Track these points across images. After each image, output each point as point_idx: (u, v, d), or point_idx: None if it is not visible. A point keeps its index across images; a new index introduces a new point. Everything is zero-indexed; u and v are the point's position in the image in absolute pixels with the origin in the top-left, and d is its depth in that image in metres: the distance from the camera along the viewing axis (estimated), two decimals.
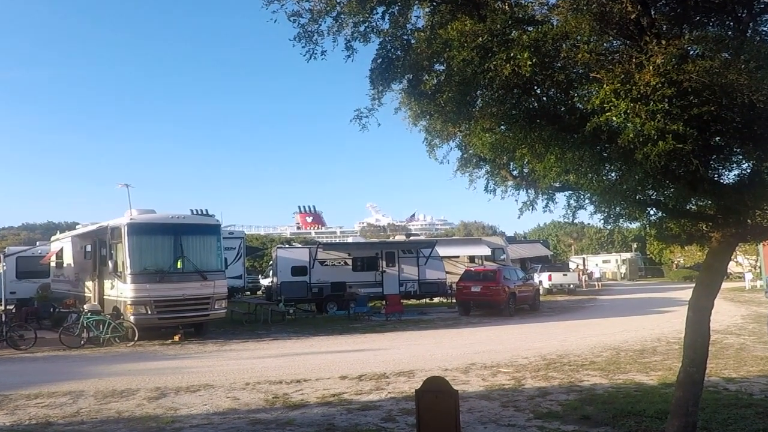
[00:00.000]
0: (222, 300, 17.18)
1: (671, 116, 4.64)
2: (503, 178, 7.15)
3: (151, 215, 17.58)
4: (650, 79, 4.62)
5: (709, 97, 4.80)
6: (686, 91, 4.73)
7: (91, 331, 15.70)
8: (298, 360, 13.13)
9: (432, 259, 25.99)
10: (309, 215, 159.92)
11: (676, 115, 4.67)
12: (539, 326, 19.50)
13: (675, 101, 4.71)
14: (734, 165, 5.84)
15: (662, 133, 4.58)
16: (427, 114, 6.33)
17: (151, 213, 17.82)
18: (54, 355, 14.35)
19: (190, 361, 13.37)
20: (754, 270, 40.02)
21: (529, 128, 5.52)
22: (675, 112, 4.68)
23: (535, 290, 26.11)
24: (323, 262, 24.90)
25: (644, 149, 4.67)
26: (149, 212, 17.84)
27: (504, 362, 12.19)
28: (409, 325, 19.71)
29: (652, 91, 4.62)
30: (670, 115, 4.64)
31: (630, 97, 4.64)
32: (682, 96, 4.75)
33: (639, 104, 4.61)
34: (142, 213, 17.50)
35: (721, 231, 6.26)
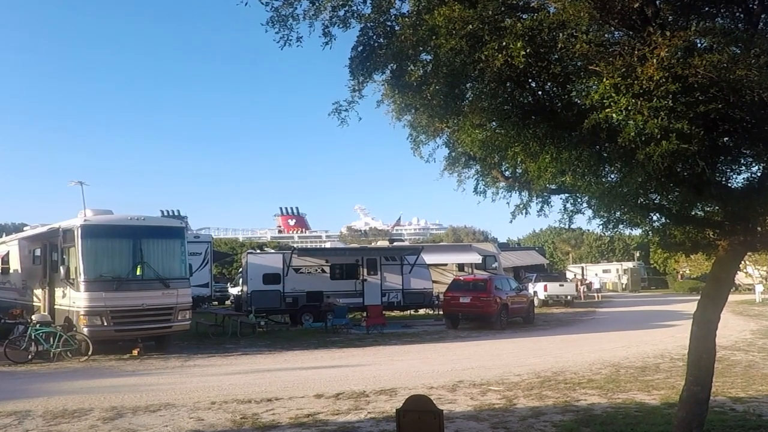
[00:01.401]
0: (186, 310, 17.02)
1: (676, 114, 4.67)
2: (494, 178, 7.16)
3: (108, 216, 17.38)
4: (653, 74, 4.64)
5: (717, 94, 4.84)
6: (692, 87, 4.77)
7: (40, 344, 15.44)
8: (270, 377, 13.02)
9: (417, 266, 25.99)
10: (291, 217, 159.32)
11: (680, 112, 4.70)
12: (533, 341, 19.56)
13: (680, 98, 4.73)
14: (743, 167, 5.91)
15: (666, 132, 4.61)
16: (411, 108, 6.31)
17: (108, 214, 17.62)
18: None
19: (149, 377, 13.18)
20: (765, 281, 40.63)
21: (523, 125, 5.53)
22: (680, 109, 4.71)
23: (530, 302, 26.19)
24: (298, 270, 24.80)
25: (646, 149, 4.69)
26: (106, 213, 17.63)
27: (494, 380, 12.20)
28: (392, 339, 19.67)
29: (656, 87, 4.64)
30: (674, 113, 4.66)
31: (631, 93, 4.66)
32: (687, 92, 4.78)
33: (641, 100, 4.63)
34: (98, 214, 17.30)
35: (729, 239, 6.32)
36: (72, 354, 15.55)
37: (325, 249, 32.49)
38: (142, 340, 16.53)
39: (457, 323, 23.35)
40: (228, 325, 20.97)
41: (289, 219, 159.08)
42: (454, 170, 7.46)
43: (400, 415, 5.79)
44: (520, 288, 26.53)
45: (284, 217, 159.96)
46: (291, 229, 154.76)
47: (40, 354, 15.42)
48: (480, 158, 6.70)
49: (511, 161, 6.26)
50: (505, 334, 21.35)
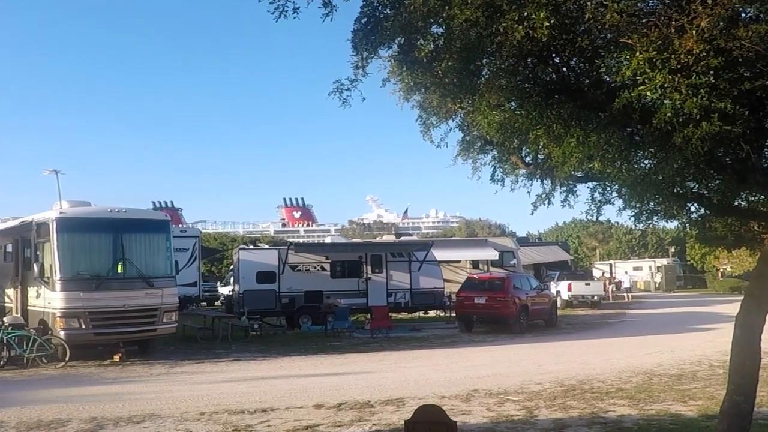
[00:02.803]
0: (172, 312, 17.08)
1: (717, 92, 4.63)
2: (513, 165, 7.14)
3: (86, 209, 17.43)
4: (693, 47, 4.59)
5: (764, 69, 4.79)
6: (736, 62, 4.72)
7: (12, 349, 15.53)
8: (264, 385, 13.05)
9: (427, 264, 25.98)
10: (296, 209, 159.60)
11: (723, 90, 4.66)
12: (556, 346, 19.55)
13: (722, 73, 4.69)
14: None
15: (706, 112, 4.57)
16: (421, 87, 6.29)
17: (86, 206, 17.67)
18: None
19: (133, 385, 13.23)
20: None
21: (546, 105, 5.50)
22: (722, 86, 4.67)
23: (552, 302, 26.18)
24: (295, 267, 24.83)
25: (684, 131, 4.65)
26: (83, 205, 17.68)
27: (513, 388, 12.20)
28: (399, 344, 19.69)
29: (695, 61, 4.60)
30: (716, 90, 4.62)
31: (668, 68, 4.61)
32: (730, 67, 4.74)
33: (679, 77, 4.59)
34: (75, 206, 17.35)
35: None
36: (47, 360, 15.62)
37: (324, 244, 32.53)
38: (124, 344, 16.58)
39: (471, 326, 23.34)
40: (218, 329, 21.04)
41: (293, 211, 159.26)
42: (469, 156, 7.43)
43: (409, 427, 5.79)
44: (542, 287, 26.48)
45: (288, 209, 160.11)
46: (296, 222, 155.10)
47: (13, 360, 15.51)
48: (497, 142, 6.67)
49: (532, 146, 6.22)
50: (525, 338, 21.34)
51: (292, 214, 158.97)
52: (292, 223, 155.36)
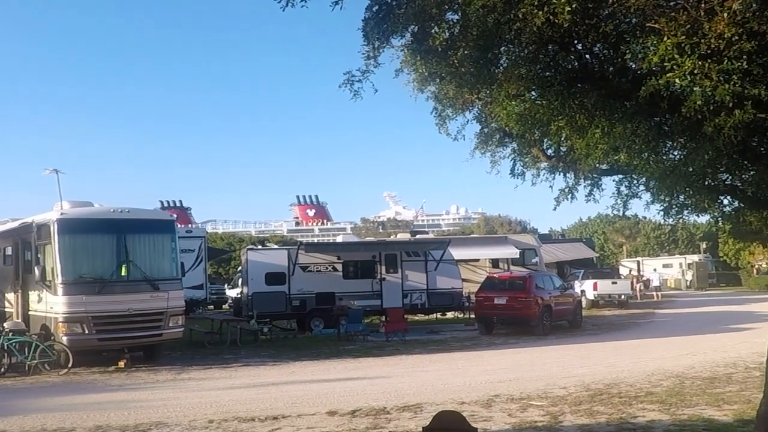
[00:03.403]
0: (178, 316, 17.17)
1: (751, 77, 4.59)
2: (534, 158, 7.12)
3: (88, 209, 17.54)
4: (724, 30, 4.56)
5: None
6: None
7: (13, 355, 15.68)
8: (275, 391, 13.10)
9: (444, 263, 25.95)
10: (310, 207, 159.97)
11: (757, 75, 4.62)
12: (581, 348, 19.49)
13: (756, 58, 4.65)
14: None
15: (739, 100, 4.54)
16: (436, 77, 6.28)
17: (88, 206, 17.77)
18: None
19: (138, 392, 13.33)
20: None
21: (568, 94, 5.47)
22: (756, 72, 4.63)
23: (576, 302, 26.07)
24: (306, 268, 24.87)
25: (716, 120, 4.62)
26: (85, 205, 17.78)
27: (536, 393, 12.18)
28: (416, 347, 19.70)
29: (727, 46, 4.56)
30: (749, 76, 4.59)
31: (698, 53, 4.58)
32: (765, 51, 4.69)
33: (709, 62, 4.56)
34: (76, 206, 17.45)
35: None
36: (50, 366, 15.76)
37: (336, 244, 32.58)
38: (129, 350, 16.68)
39: (491, 328, 23.30)
40: (226, 333, 21.14)
41: (307, 209, 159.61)
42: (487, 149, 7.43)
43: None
44: (565, 286, 26.37)
45: (302, 206, 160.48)
46: (310, 220, 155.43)
47: (14, 367, 15.66)
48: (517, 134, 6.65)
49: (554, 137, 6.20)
50: (548, 340, 21.28)
51: (305, 213, 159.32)
52: (305, 221, 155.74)
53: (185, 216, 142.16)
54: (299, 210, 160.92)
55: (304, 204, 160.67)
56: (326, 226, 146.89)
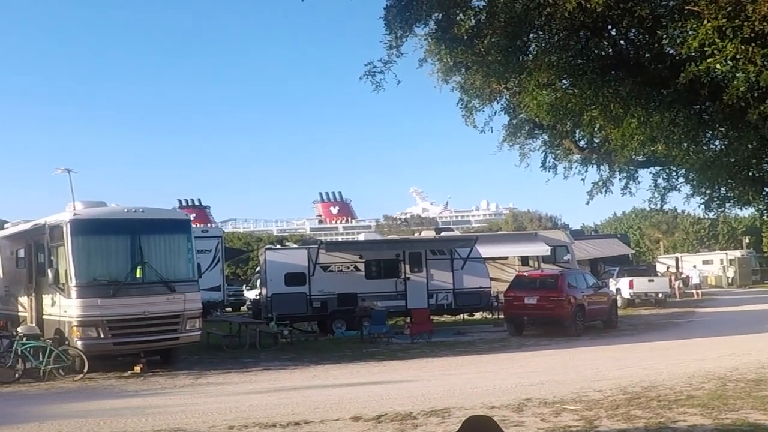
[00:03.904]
0: (195, 318, 17.27)
1: None
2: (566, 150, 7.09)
3: (101, 209, 17.67)
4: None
5: None
6: None
7: (27, 360, 15.84)
8: (297, 396, 13.16)
9: (471, 261, 25.89)
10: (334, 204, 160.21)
11: None
12: (617, 349, 19.38)
13: None
14: None
15: None
16: (462, 66, 6.27)
17: (101, 206, 17.92)
18: None
19: (155, 398, 13.45)
20: None
21: (601, 82, 5.44)
22: None
23: (611, 301, 25.94)
24: (327, 268, 24.93)
25: (760, 107, 4.57)
26: (98, 205, 17.91)
27: (570, 397, 12.12)
28: (442, 349, 19.70)
29: None
30: None
31: (740, 37, 4.52)
32: None
33: (753, 46, 4.50)
34: (90, 206, 17.59)
35: None
36: (65, 372, 15.93)
37: (358, 242, 32.60)
38: (146, 354, 16.83)
39: (521, 329, 23.24)
40: (245, 336, 21.27)
41: (330, 206, 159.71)
42: (516, 141, 7.43)
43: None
44: (599, 285, 26.21)
45: (325, 204, 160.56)
46: (334, 218, 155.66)
47: (29, 372, 15.83)
48: (548, 126, 6.63)
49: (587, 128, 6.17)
50: (582, 341, 21.18)
51: (329, 210, 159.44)
52: (329, 219, 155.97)
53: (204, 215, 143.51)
54: (322, 207, 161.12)
55: (327, 201, 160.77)
56: (351, 224, 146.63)
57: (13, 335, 16.82)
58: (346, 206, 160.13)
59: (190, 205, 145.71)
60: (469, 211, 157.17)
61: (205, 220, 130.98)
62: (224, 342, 20.91)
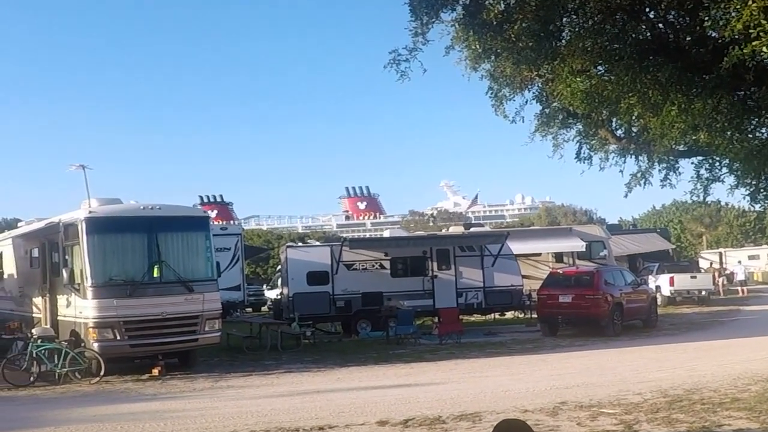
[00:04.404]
0: (215, 319, 17.38)
1: None
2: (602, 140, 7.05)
3: (117, 207, 17.85)
4: None
5: None
6: None
7: (42, 363, 16.04)
8: (320, 399, 13.22)
9: (502, 258, 25.80)
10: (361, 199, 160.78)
11: None
12: (657, 350, 19.24)
13: None
14: None
15: None
16: (491, 53, 6.25)
17: (117, 203, 18.10)
18: None
19: (174, 402, 13.57)
20: None
21: (639, 68, 5.39)
22: None
23: (651, 299, 25.76)
24: (351, 266, 24.99)
25: None
26: (114, 202, 18.09)
27: (608, 400, 12.06)
28: (472, 350, 19.68)
29: None
30: None
31: None
32: None
33: None
34: (105, 204, 17.73)
35: None
36: (81, 375, 16.12)
37: (383, 239, 32.62)
38: (164, 356, 16.94)
39: (555, 329, 23.15)
40: (266, 337, 21.39)
41: (358, 201, 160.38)
42: (549, 131, 7.39)
43: None
44: (638, 282, 26.06)
45: (351, 199, 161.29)
46: (361, 213, 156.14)
47: (44, 375, 16.04)
48: (583, 114, 6.59)
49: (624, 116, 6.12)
50: (620, 341, 21.03)
51: (356, 205, 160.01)
52: (356, 215, 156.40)
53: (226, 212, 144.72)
54: (349, 203, 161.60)
55: (354, 196, 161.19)
56: (379, 219, 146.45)
57: (27, 337, 17.06)
58: (374, 201, 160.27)
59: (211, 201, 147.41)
60: (503, 205, 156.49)
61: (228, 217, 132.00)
62: (245, 343, 21.04)
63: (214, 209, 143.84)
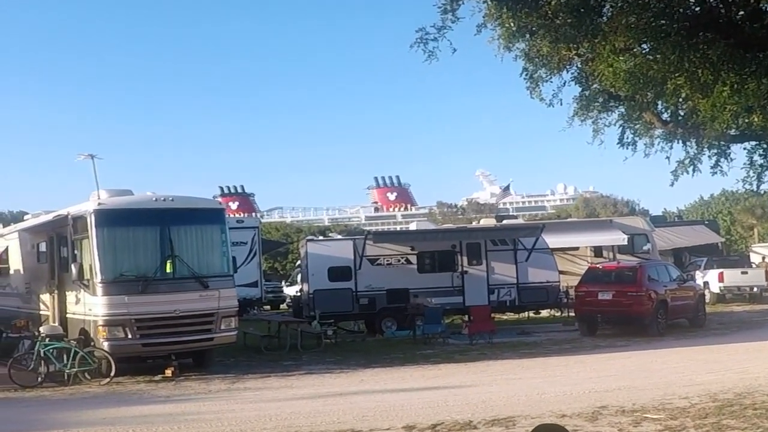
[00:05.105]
0: (231, 317, 17.46)
1: None
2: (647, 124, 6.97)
3: (128, 198, 17.98)
4: None
5: None
6: None
7: (51, 363, 16.21)
8: (343, 402, 13.26)
9: (537, 252, 25.72)
10: (390, 190, 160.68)
11: None
12: (705, 350, 19.13)
13: None
14: None
15: None
16: (526, 31, 6.20)
17: (128, 194, 18.22)
18: (2, 398, 14.95)
19: (188, 404, 13.68)
20: None
21: (688, 46, 5.31)
22: None
23: (698, 296, 25.58)
24: (375, 261, 25.02)
25: None
26: (124, 193, 18.22)
27: (652, 404, 11.98)
28: (505, 351, 19.66)
29: None
30: None
31: None
32: None
33: None
34: (115, 195, 17.88)
35: None
36: (91, 375, 16.28)
37: (409, 232, 32.65)
38: (177, 356, 17.06)
39: (595, 328, 23.06)
40: (285, 336, 21.50)
41: (387, 192, 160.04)
42: (589, 115, 7.32)
43: None
44: (684, 278, 25.89)
45: (381, 189, 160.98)
46: (391, 205, 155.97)
47: (52, 375, 16.22)
48: (626, 96, 6.53)
49: (671, 98, 6.04)
50: (664, 341, 20.92)
51: (385, 196, 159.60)
52: (386, 206, 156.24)
53: (248, 203, 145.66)
54: (378, 193, 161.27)
55: (383, 186, 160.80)
56: (410, 211, 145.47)
57: (35, 336, 17.28)
58: (405, 192, 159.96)
59: (232, 192, 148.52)
60: (543, 195, 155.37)
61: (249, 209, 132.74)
62: (262, 343, 21.15)
63: (235, 200, 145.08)
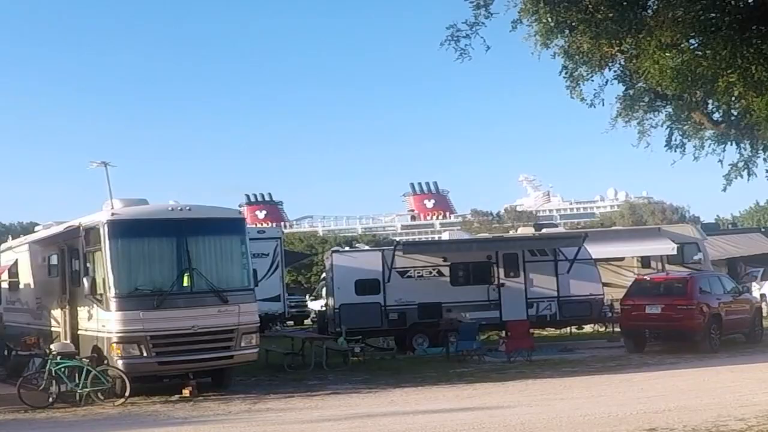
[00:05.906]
0: (252, 334, 17.50)
1: None
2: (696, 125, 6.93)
3: (143, 208, 18.10)
4: None
5: None
6: None
7: (62, 382, 16.31)
8: (372, 424, 13.28)
9: (579, 263, 25.58)
10: (428, 197, 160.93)
11: None
12: (762, 368, 18.82)
13: None
14: None
15: None
16: (565, 27, 6.20)
17: (143, 204, 18.35)
18: (11, 420, 15.09)
19: (207, 426, 13.74)
20: None
21: (741, 40, 5.28)
22: None
23: (755, 310, 25.27)
24: (405, 273, 25.01)
25: None
26: (140, 203, 18.35)
27: (705, 426, 11.89)
28: (545, 369, 19.57)
29: None
30: None
31: None
32: None
33: None
34: (129, 205, 18.01)
35: None
36: (104, 395, 16.36)
37: (441, 242, 32.68)
38: (195, 375, 17.12)
39: (642, 344, 22.91)
40: (309, 353, 21.54)
41: (425, 199, 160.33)
42: (633, 116, 7.30)
43: None
44: (739, 290, 25.61)
45: (418, 197, 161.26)
46: (428, 213, 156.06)
47: (64, 396, 16.34)
48: (673, 95, 6.49)
49: (722, 97, 5.99)
50: (718, 358, 20.73)
51: (422, 204, 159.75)
52: (423, 215, 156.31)
53: (276, 212, 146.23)
54: (414, 201, 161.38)
55: (420, 193, 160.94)
56: (449, 219, 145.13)
57: (45, 353, 17.41)
58: (443, 199, 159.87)
59: (259, 200, 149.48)
60: (592, 201, 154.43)
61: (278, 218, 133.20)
62: (285, 361, 21.19)
63: (263, 209, 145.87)
